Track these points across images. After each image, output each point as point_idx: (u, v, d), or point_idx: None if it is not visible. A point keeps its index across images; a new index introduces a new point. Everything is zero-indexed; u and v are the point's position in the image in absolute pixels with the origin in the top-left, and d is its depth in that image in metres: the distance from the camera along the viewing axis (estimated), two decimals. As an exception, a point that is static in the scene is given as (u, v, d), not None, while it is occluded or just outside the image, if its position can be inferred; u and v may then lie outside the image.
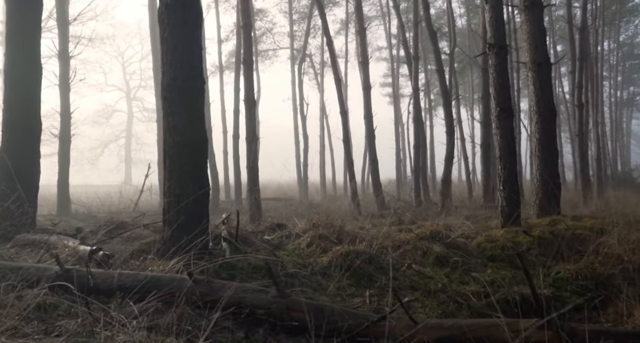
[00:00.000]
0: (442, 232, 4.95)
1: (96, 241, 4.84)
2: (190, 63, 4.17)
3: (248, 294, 3.08)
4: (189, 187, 4.13)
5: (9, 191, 5.38)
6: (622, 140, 43.05)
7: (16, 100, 5.64)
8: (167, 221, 4.15)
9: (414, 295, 3.71)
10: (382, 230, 5.58)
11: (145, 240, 4.51)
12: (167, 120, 4.18)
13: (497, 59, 5.40)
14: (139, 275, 3.12)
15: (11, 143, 5.60)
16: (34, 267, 3.14)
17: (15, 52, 5.66)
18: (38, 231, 5.42)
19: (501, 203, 5.61)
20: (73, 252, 4.16)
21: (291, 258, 4.46)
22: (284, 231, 5.58)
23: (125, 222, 6.35)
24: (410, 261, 4.41)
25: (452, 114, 13.72)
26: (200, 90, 4.24)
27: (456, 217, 8.42)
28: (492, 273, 4.10)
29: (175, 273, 3.34)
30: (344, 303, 3.54)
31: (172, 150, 4.15)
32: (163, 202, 4.26)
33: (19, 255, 4.39)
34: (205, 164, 4.32)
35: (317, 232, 4.92)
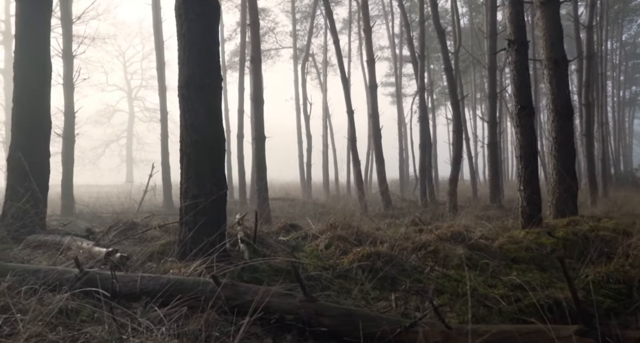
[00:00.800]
0: (463, 233, 4.84)
1: (109, 242, 4.72)
2: (208, 59, 4.05)
3: (275, 298, 2.97)
4: (207, 188, 4.02)
5: (19, 191, 5.26)
6: (625, 140, 42.99)
7: (26, 98, 5.52)
8: (184, 222, 4.04)
9: (441, 299, 3.60)
10: (399, 231, 5.47)
11: (160, 242, 4.39)
12: (184, 118, 4.06)
13: (518, 55, 5.28)
14: (161, 279, 3.00)
15: (21, 142, 5.49)
16: (52, 270, 3.02)
17: (24, 49, 5.54)
18: (49, 232, 5.31)
19: (521, 204, 5.49)
20: (88, 254, 4.04)
21: (310, 260, 4.35)
22: (299, 232, 5.46)
23: (136, 223, 6.23)
24: (433, 263, 4.30)
25: (460, 113, 13.61)
26: (218, 86, 4.13)
27: (467, 217, 8.31)
28: (518, 276, 3.98)
29: (197, 276, 3.22)
30: (370, 308, 3.43)
31: (190, 149, 4.03)
32: (180, 203, 4.14)
33: (32, 257, 4.27)
34: (223, 164, 4.21)
35: (335, 233, 4.81)
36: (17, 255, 4.24)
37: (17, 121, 5.50)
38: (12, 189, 5.32)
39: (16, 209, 5.04)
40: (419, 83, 16.01)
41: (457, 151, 12.95)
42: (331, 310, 2.94)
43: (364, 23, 14.72)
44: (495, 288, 3.70)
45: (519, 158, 5.47)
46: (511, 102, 30.03)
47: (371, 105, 14.67)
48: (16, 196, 5.26)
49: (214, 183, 4.07)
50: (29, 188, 5.26)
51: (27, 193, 5.19)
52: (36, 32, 5.60)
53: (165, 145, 17.37)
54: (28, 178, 5.32)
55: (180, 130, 4.13)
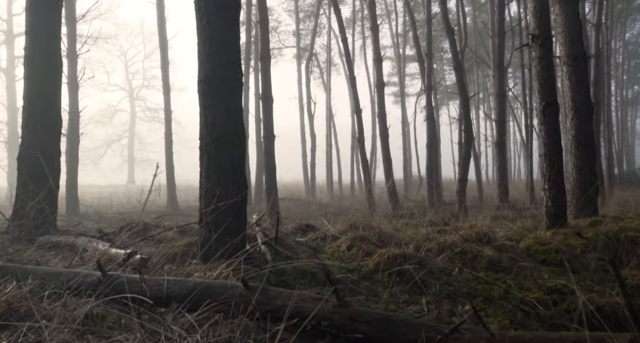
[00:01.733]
0: (488, 234, 4.69)
1: (124, 244, 4.58)
2: (229, 53, 3.91)
3: (307, 303, 2.82)
4: (228, 187, 3.88)
5: (30, 190, 5.12)
6: (627, 139, 42.84)
7: (36, 95, 5.38)
8: (204, 224, 3.89)
9: (474, 303, 3.45)
10: (419, 232, 5.33)
11: (179, 243, 4.25)
12: (204, 114, 3.92)
13: (542, 50, 5.13)
14: (188, 282, 2.86)
15: (31, 140, 5.34)
16: (73, 273, 2.88)
17: (35, 45, 5.39)
18: (61, 233, 5.17)
19: (546, 204, 5.34)
20: (105, 256, 3.90)
21: (333, 262, 4.21)
22: (316, 233, 5.32)
23: (147, 223, 6.09)
24: (461, 265, 4.15)
25: (469, 112, 13.46)
26: (239, 82, 3.99)
27: (483, 217, 8.14)
28: (551, 279, 3.84)
29: (223, 279, 3.08)
30: (401, 312, 3.29)
31: (210, 147, 3.89)
32: (200, 203, 4.00)
33: (46, 258, 4.13)
34: (244, 163, 4.07)
35: (357, 233, 4.67)
36: (32, 256, 4.10)
37: (27, 119, 5.36)
38: (23, 189, 5.18)
39: (28, 209, 4.89)
40: (426, 82, 15.86)
41: (466, 150, 12.81)
42: (367, 315, 2.80)
43: (371, 21, 14.57)
44: (529, 292, 3.55)
45: (543, 156, 5.32)
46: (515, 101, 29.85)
47: (378, 104, 14.52)
48: (27, 196, 5.11)
49: (236, 183, 3.93)
50: (40, 188, 5.12)
51: (38, 193, 5.05)
52: (47, 28, 5.46)
53: (169, 145, 17.23)
54: (39, 178, 5.18)
55: (200, 128, 3.99)
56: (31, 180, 5.17)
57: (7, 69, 27.92)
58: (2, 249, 4.20)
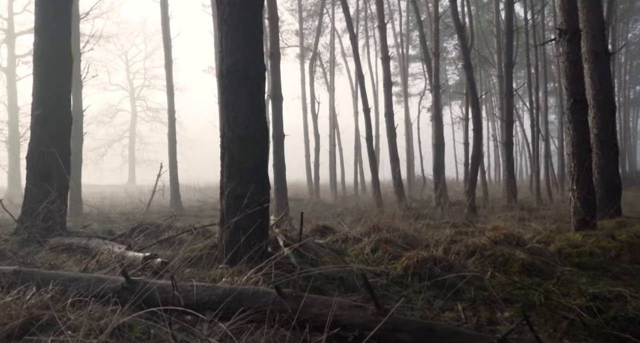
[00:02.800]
0: (517, 236, 4.52)
1: (138, 246, 4.40)
2: (252, 46, 3.73)
3: (345, 311, 2.64)
4: (251, 187, 3.70)
5: (39, 190, 4.94)
6: (629, 140, 42.71)
7: (46, 92, 5.19)
8: (226, 225, 3.72)
9: (513, 309, 3.28)
10: (442, 233, 5.15)
11: (197, 246, 4.07)
12: (226, 111, 3.74)
13: (570, 46, 4.96)
14: (217, 289, 2.68)
15: (41, 139, 5.16)
16: (95, 278, 2.70)
17: (45, 41, 5.20)
18: (71, 234, 4.99)
19: (574, 205, 5.16)
20: (121, 259, 3.72)
21: (359, 265, 4.03)
22: (336, 234, 5.15)
23: (159, 224, 5.91)
24: (492, 268, 3.98)
25: (479, 111, 13.28)
26: (262, 76, 3.81)
27: (493, 218, 7.97)
28: (589, 284, 3.67)
29: (253, 285, 2.90)
30: (438, 319, 3.11)
31: (233, 145, 3.71)
32: (220, 204, 3.82)
33: (60, 261, 3.95)
34: (267, 161, 3.89)
35: (381, 235, 4.49)
36: (44, 259, 3.91)
37: (36, 117, 5.17)
38: (32, 189, 4.99)
39: (37, 210, 4.70)
40: (433, 81, 15.68)
41: (476, 150, 12.63)
42: (409, 324, 2.62)
43: (379, 20, 14.40)
44: (570, 298, 3.37)
45: (570, 155, 5.14)
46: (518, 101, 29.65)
47: (386, 103, 14.34)
48: (36, 196, 4.93)
49: (259, 183, 3.75)
50: (50, 188, 4.93)
51: (47, 193, 4.86)
52: (56, 22, 5.27)
53: (173, 145, 17.04)
54: (48, 178, 4.99)
55: (221, 125, 3.81)
56: (41, 180, 4.98)
57: (8, 68, 27.70)
58: (12, 252, 4.02)
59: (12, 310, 2.17)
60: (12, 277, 2.64)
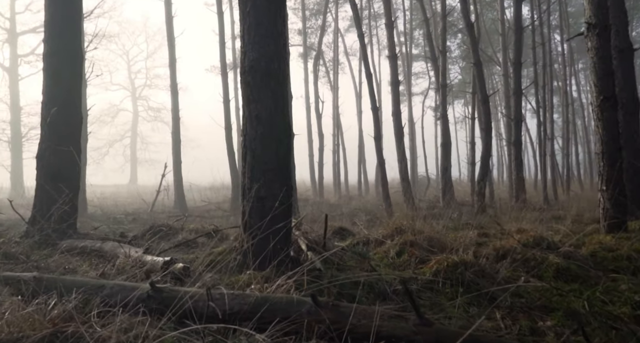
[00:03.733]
0: (547, 238, 4.35)
1: (152, 249, 4.23)
2: (275, 40, 3.56)
3: (384, 322, 2.48)
4: (275, 188, 3.54)
5: (50, 192, 4.77)
6: (635, 139, 42.36)
7: (57, 90, 5.04)
8: (248, 228, 3.55)
9: (555, 317, 3.11)
10: (465, 235, 4.98)
11: (216, 249, 3.90)
12: (248, 108, 3.57)
13: (599, 41, 4.77)
14: (249, 297, 2.51)
15: (51, 138, 5.00)
16: (118, 286, 2.53)
17: (55, 37, 5.05)
18: (83, 236, 4.82)
19: (604, 206, 5.00)
20: (139, 263, 3.56)
21: (385, 270, 3.86)
22: (356, 237, 4.98)
23: (171, 226, 5.75)
24: (525, 273, 3.81)
25: (489, 110, 13.10)
26: (286, 72, 3.64)
27: (505, 219, 7.76)
28: (631, 290, 3.49)
29: (284, 293, 2.73)
30: (477, 329, 2.94)
31: (255, 144, 3.55)
32: (242, 205, 3.66)
33: (74, 265, 3.79)
34: (290, 161, 3.73)
35: (406, 238, 4.32)
36: (58, 263, 3.75)
37: (47, 115, 5.01)
38: (42, 190, 4.83)
39: (49, 211, 4.54)
40: (440, 80, 15.52)
41: (486, 150, 12.45)
42: (453, 336, 2.45)
43: (386, 18, 14.23)
44: (614, 306, 3.21)
45: (600, 155, 4.97)
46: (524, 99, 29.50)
47: (393, 102, 14.16)
48: (46, 197, 4.77)
49: (283, 183, 3.58)
50: (61, 188, 4.77)
51: (59, 194, 4.70)
52: (67, 18, 5.11)
53: (177, 145, 16.87)
54: (59, 178, 4.83)
55: (243, 122, 3.64)
56: (52, 180, 4.82)
57: (10, 68, 27.54)
58: (25, 255, 3.86)
59: (35, 321, 2.01)
60: (31, 284, 2.48)
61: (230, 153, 15.97)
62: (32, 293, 2.41)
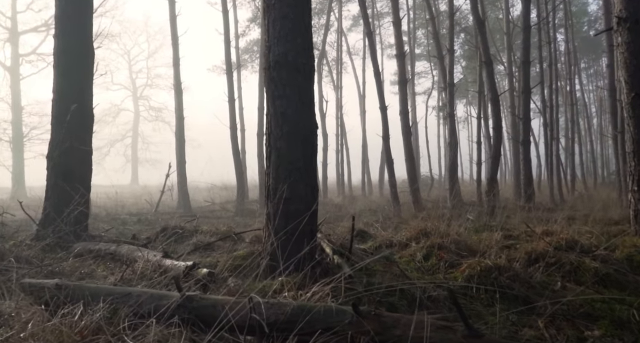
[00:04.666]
0: (579, 241, 4.18)
1: (170, 252, 4.07)
2: (302, 34, 3.40)
3: (431, 333, 2.32)
4: (300, 188, 3.37)
5: (61, 192, 4.61)
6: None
7: (67, 88, 4.87)
8: (273, 231, 3.39)
9: (601, 327, 2.95)
10: (490, 237, 4.82)
11: (238, 253, 3.74)
12: (273, 105, 3.41)
13: (631, 35, 4.59)
14: (285, 306, 2.35)
15: (62, 137, 4.83)
16: (146, 294, 2.37)
17: (66, 33, 4.88)
18: (95, 239, 4.66)
19: (635, 207, 4.84)
20: (158, 268, 3.40)
21: (413, 274, 3.70)
22: (377, 239, 4.82)
23: (183, 227, 5.58)
24: (561, 278, 3.64)
25: (500, 109, 12.95)
26: (312, 68, 3.48)
27: (517, 219, 7.58)
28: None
29: (321, 301, 2.57)
30: (519, 338, 2.78)
31: (280, 143, 3.38)
32: (266, 207, 3.49)
33: (87, 269, 3.62)
34: (316, 160, 3.56)
35: (433, 241, 4.16)
36: (72, 267, 3.59)
37: (57, 114, 4.85)
38: (54, 190, 4.67)
39: (62, 213, 4.37)
40: (447, 79, 15.36)
41: (496, 149, 12.32)
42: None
43: (393, 15, 14.04)
44: (662, 313, 3.04)
45: (631, 154, 4.81)
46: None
47: (400, 101, 13.99)
48: (58, 198, 4.60)
49: (309, 184, 3.42)
50: (72, 189, 4.60)
51: (70, 195, 4.53)
52: (78, 14, 4.95)
53: (181, 144, 16.72)
54: (70, 178, 4.66)
55: (268, 120, 3.48)
56: (63, 180, 4.66)
57: (12, 67, 27.37)
58: (38, 259, 3.70)
59: (62, 334, 1.85)
60: (54, 291, 2.31)
61: (236, 153, 15.82)
62: (55, 301, 2.24)
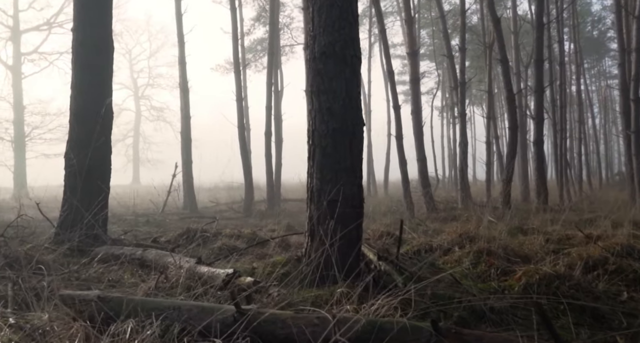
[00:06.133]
0: (638, 247, 3.92)
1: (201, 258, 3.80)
2: (350, 24, 3.15)
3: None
4: (347, 189, 3.12)
5: (80, 193, 4.35)
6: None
7: (87, 83, 4.62)
8: (316, 235, 3.13)
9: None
10: (533, 242, 4.57)
11: (277, 259, 3.48)
12: (317, 100, 3.15)
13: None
14: (355, 323, 2.09)
15: (80, 135, 4.57)
16: (196, 307, 2.10)
17: (85, 25, 4.61)
18: (115, 242, 4.40)
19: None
20: (192, 275, 3.14)
21: (465, 282, 3.44)
22: (413, 243, 4.56)
23: (205, 230, 5.32)
24: (625, 287, 3.39)
25: (515, 108, 12.71)
26: (359, 60, 3.22)
27: (537, 220, 7.30)
28: None
29: (387, 315, 2.31)
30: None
31: (326, 141, 3.12)
32: (309, 209, 3.24)
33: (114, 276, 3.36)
34: (362, 159, 3.31)
35: (480, 245, 3.90)
36: (99, 273, 3.33)
37: (76, 110, 4.59)
38: (71, 191, 4.41)
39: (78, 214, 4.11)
40: (459, 77, 15.13)
41: (511, 148, 12.06)
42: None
43: (405, 13, 13.81)
44: None
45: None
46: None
47: (413, 100, 13.77)
48: (77, 199, 4.34)
49: (355, 185, 3.17)
50: (91, 189, 4.34)
51: (89, 196, 4.27)
52: (97, 4, 4.69)
53: (187, 144, 16.48)
54: (89, 177, 4.40)
55: (310, 117, 3.22)
56: (81, 181, 4.40)
57: (14, 66, 27.08)
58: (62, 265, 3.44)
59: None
60: (96, 304, 2.06)
61: (244, 152, 15.55)
62: (99, 315, 1.99)
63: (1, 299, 2.64)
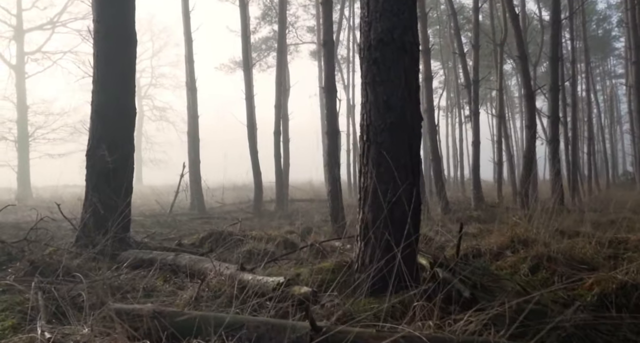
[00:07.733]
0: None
1: (243, 264, 3.53)
2: (410, 9, 2.88)
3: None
4: (405, 190, 2.84)
5: (103, 194, 4.09)
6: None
7: (109, 78, 4.35)
8: (370, 239, 2.86)
9: None
10: (584, 245, 4.29)
11: (324, 264, 3.21)
12: (374, 92, 2.87)
13: None
14: (447, 342, 1.82)
15: (102, 133, 4.30)
16: (267, 324, 1.84)
17: (107, 16, 4.35)
18: (140, 246, 4.13)
19: None
20: (234, 282, 2.86)
21: (530, 291, 3.17)
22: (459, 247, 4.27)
23: (230, 232, 5.06)
24: None
25: (534, 107, 12.45)
26: (419, 49, 2.95)
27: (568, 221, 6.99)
28: None
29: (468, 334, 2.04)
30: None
31: (382, 137, 2.85)
32: (361, 212, 2.96)
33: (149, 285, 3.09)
34: (421, 157, 3.03)
35: (538, 250, 3.62)
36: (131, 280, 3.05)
37: (98, 107, 4.32)
38: (95, 191, 4.14)
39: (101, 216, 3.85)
40: (473, 76, 14.87)
41: (529, 148, 11.80)
42: None
43: (419, 10, 13.53)
44: None
45: None
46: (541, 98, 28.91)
47: (426, 98, 13.49)
48: (99, 200, 4.08)
49: (413, 184, 2.89)
50: (114, 189, 4.08)
51: (113, 197, 4.01)
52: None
53: (195, 144, 16.24)
54: (112, 178, 4.14)
55: (365, 112, 2.94)
56: (104, 182, 4.13)
57: (17, 66, 26.82)
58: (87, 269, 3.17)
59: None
60: (152, 319, 1.79)
61: (253, 152, 15.30)
62: (155, 332, 1.72)
63: (32, 310, 2.38)
